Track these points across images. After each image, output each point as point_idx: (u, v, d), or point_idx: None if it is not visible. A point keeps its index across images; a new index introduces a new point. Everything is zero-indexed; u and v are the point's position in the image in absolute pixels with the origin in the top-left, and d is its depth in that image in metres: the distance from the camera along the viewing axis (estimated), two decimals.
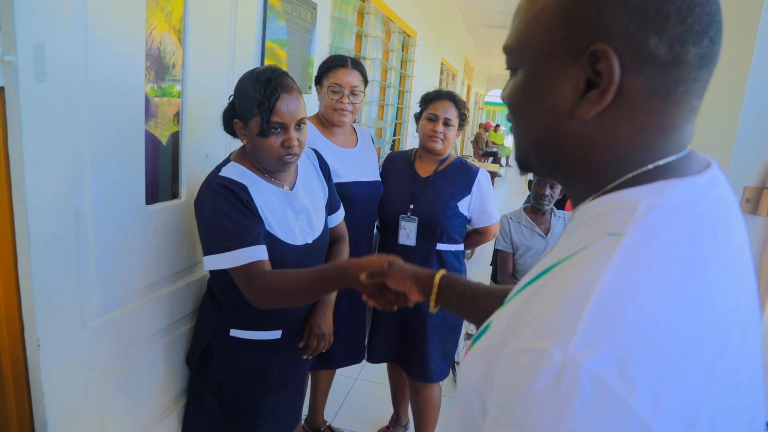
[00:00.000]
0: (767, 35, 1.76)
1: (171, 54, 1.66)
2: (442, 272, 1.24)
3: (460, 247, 2.34)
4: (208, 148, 1.83)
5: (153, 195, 1.65)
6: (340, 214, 1.90)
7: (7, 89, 1.14)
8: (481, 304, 1.12)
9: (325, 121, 2.12)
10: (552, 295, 0.51)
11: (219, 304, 1.64)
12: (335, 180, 2.03)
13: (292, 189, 1.62)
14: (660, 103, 0.56)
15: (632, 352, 0.44)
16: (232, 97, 1.55)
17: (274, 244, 1.51)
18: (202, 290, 1.80)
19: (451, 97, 2.27)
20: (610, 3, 0.54)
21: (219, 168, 1.52)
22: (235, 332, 1.62)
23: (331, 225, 1.83)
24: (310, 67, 2.79)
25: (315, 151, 1.83)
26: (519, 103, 0.65)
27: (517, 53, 0.64)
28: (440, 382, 2.41)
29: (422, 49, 6.19)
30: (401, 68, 5.54)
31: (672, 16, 0.53)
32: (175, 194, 1.78)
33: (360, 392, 3.11)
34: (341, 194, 2.05)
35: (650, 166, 0.58)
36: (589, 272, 0.49)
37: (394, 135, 5.79)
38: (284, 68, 2.37)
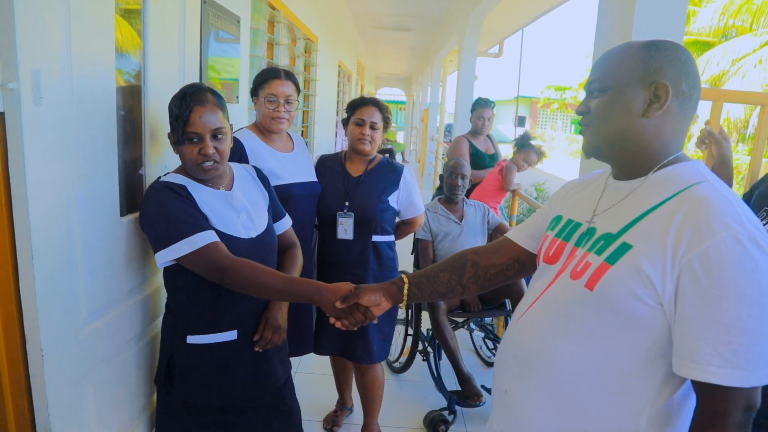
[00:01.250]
0: None
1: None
2: (405, 280, 1.46)
3: (392, 237, 2.58)
4: (167, 159, 1.95)
5: (127, 206, 1.76)
6: (286, 222, 2.00)
7: (8, 114, 1.23)
8: (436, 282, 1.43)
9: (264, 129, 2.28)
10: (701, 210, 0.95)
11: (173, 312, 1.71)
12: (278, 182, 2.19)
13: (229, 191, 1.74)
14: (682, 116, 1.09)
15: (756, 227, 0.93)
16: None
17: (221, 238, 1.59)
18: None
19: (375, 103, 2.49)
20: (666, 61, 1.06)
21: (158, 178, 1.65)
22: (191, 338, 1.66)
23: (278, 231, 1.93)
24: (237, 70, 2.91)
25: (255, 167, 1.96)
26: (608, 110, 1.11)
27: (607, 82, 1.11)
28: (382, 362, 2.64)
29: (323, 53, 6.37)
30: (305, 72, 5.69)
31: (691, 74, 1.07)
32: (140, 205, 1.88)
33: (302, 384, 3.26)
34: (284, 195, 2.21)
35: (679, 153, 1.10)
36: (712, 194, 0.97)
37: (303, 138, 5.92)
38: (217, 84, 2.51)
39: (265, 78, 2.24)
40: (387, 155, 2.67)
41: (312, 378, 3.36)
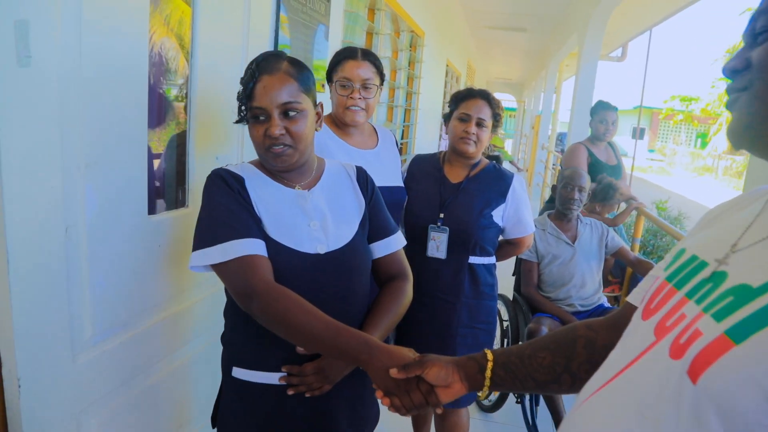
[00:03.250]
0: None
1: (172, 59, 1.47)
2: (489, 356, 1.06)
3: (492, 259, 2.14)
4: (218, 148, 1.61)
5: (155, 204, 1.43)
6: (394, 242, 1.50)
7: None
8: (533, 365, 1.02)
9: (339, 121, 1.91)
10: None
11: (225, 335, 1.39)
12: None
13: (306, 190, 1.37)
14: None
15: None
16: None
17: (273, 250, 1.26)
18: (213, 309, 1.57)
19: (485, 96, 2.06)
20: None
21: (228, 164, 1.33)
22: (237, 372, 1.34)
23: (379, 254, 1.48)
24: (315, 65, 2.57)
25: (359, 168, 1.54)
26: None
27: None
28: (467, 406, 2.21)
29: (430, 49, 6.00)
30: (409, 68, 5.34)
31: None
32: (181, 202, 1.55)
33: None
34: None
35: None
36: None
37: (403, 138, 5.59)
38: None
39: (338, 59, 1.87)
40: (494, 162, 2.21)
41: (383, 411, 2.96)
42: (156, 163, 1.54)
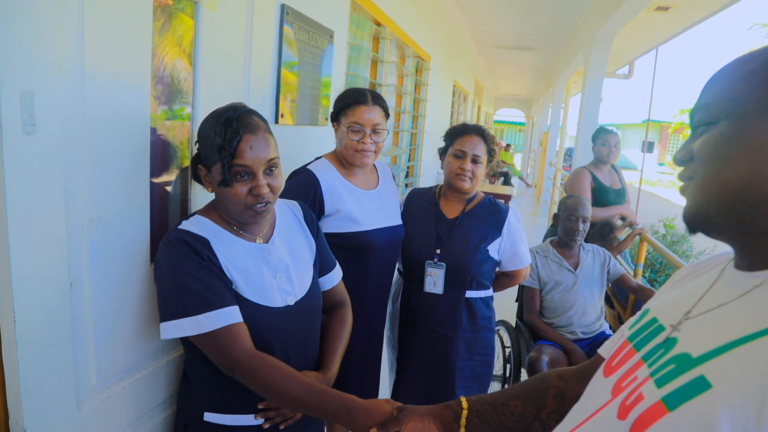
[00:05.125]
0: None
1: (183, 80, 1.51)
2: (464, 405, 1.10)
3: (490, 292, 2.17)
4: None
5: None
6: (335, 275, 1.61)
7: None
8: (506, 413, 1.07)
9: (345, 162, 1.95)
10: None
11: (190, 383, 1.40)
12: (357, 229, 1.85)
13: (267, 242, 1.40)
14: None
15: None
16: (197, 143, 1.34)
17: (245, 309, 1.28)
18: None
19: (480, 132, 2.10)
20: None
21: (180, 222, 1.32)
22: (209, 416, 1.36)
23: (325, 287, 1.57)
24: (323, 91, 2.63)
25: (302, 204, 1.60)
26: (720, 152, 0.70)
27: (718, 108, 0.71)
28: None
29: (435, 73, 6.06)
30: (415, 92, 5.40)
31: None
32: None
33: None
34: (363, 244, 1.87)
35: None
36: None
37: (409, 161, 5.64)
38: (294, 94, 2.23)
39: (348, 102, 1.89)
40: (502, 178, 2.25)
41: None
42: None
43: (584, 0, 6.33)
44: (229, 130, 1.23)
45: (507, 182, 13.55)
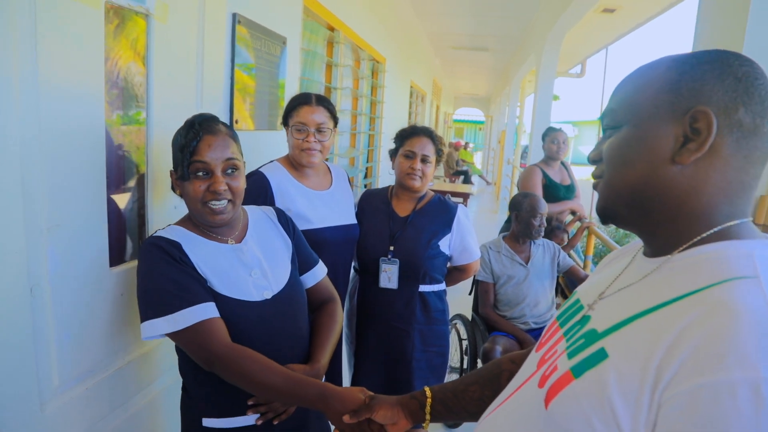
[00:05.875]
0: None
1: (138, 84, 1.55)
2: (428, 394, 1.19)
3: (442, 286, 2.27)
4: (175, 197, 1.72)
5: (119, 255, 1.52)
6: (319, 271, 1.67)
7: None
8: (466, 398, 1.16)
9: (295, 163, 2.02)
10: (717, 324, 0.59)
11: (187, 391, 1.46)
12: (307, 227, 1.92)
13: (239, 243, 1.47)
14: (742, 161, 0.71)
15: None
16: None
17: (222, 304, 1.34)
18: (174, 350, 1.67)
19: (428, 133, 2.20)
20: (710, 79, 0.71)
21: (156, 231, 1.40)
22: (207, 422, 1.40)
23: (310, 284, 1.64)
24: (280, 93, 2.69)
25: (277, 209, 1.67)
26: (621, 153, 0.78)
27: (621, 114, 0.79)
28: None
29: (392, 74, 6.16)
30: (372, 95, 5.48)
31: (755, 97, 0.70)
32: None
33: None
34: (313, 241, 1.94)
35: (737, 222, 0.73)
36: (748, 303, 0.60)
37: (367, 162, 5.72)
38: (252, 98, 2.29)
39: (293, 105, 1.99)
40: (462, 176, 2.35)
41: None
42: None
43: (534, 2, 6.51)
44: (191, 131, 1.33)
45: (467, 180, 13.76)
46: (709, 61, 0.72)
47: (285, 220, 1.64)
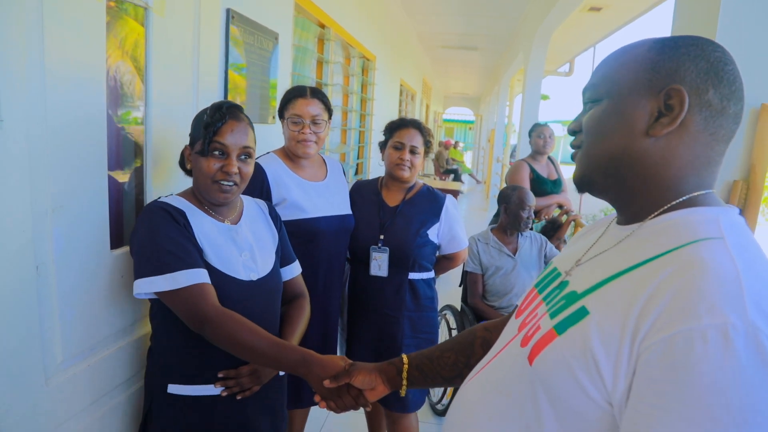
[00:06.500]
0: None
1: (128, 83, 1.61)
2: (405, 360, 1.25)
3: (431, 274, 2.33)
4: (173, 186, 1.78)
5: (118, 238, 1.58)
6: (295, 268, 1.78)
7: None
8: (440, 364, 1.22)
9: (291, 154, 2.09)
10: (687, 277, 0.66)
11: (155, 358, 1.52)
12: (302, 216, 1.99)
13: (235, 225, 1.56)
14: (709, 138, 0.79)
15: None
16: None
17: (215, 277, 1.42)
18: None
19: (416, 125, 2.27)
20: (685, 61, 0.78)
21: (159, 197, 1.49)
22: (173, 388, 1.46)
23: (286, 277, 1.72)
24: (271, 91, 2.75)
25: (268, 204, 1.77)
26: (600, 125, 0.85)
27: (602, 88, 0.85)
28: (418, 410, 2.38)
29: (381, 72, 6.22)
30: (362, 92, 5.55)
31: (724, 80, 0.77)
32: None
33: (335, 424, 3.05)
34: (309, 230, 2.00)
35: (703, 192, 0.80)
36: (714, 258, 0.67)
37: (358, 158, 5.78)
38: (243, 95, 2.35)
39: (289, 97, 2.05)
40: (452, 175, 2.42)
41: (346, 418, 3.12)
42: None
43: (522, 0, 6.59)
44: (218, 113, 1.44)
45: (457, 179, 13.84)
46: (686, 45, 0.79)
47: (275, 215, 1.74)
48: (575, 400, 0.73)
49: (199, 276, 1.36)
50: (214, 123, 1.42)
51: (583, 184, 0.91)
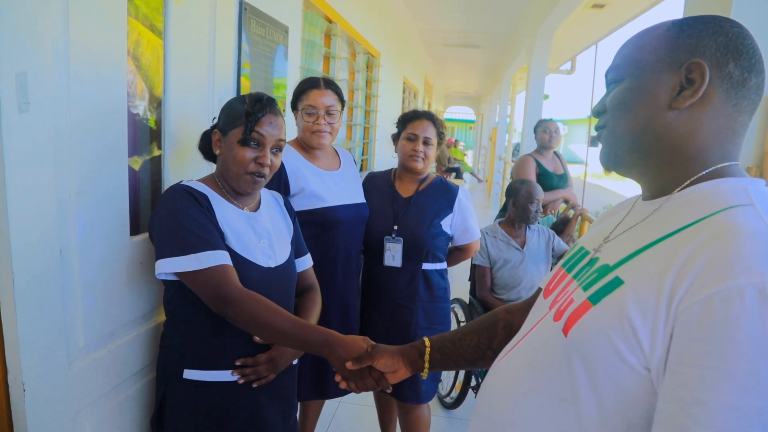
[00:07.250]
0: None
1: (130, 82, 1.62)
2: (427, 343, 1.25)
3: (444, 265, 2.34)
4: (190, 174, 1.79)
5: (135, 226, 1.58)
6: (307, 260, 1.79)
7: None
8: (463, 346, 1.22)
9: (306, 145, 2.09)
10: (722, 241, 0.67)
11: (170, 344, 1.51)
12: (322, 205, 1.99)
13: (254, 213, 1.58)
14: (731, 109, 0.80)
15: None
16: (215, 119, 1.55)
17: (236, 261, 1.42)
18: None
19: (429, 116, 2.27)
20: (705, 36, 0.80)
21: (181, 181, 1.50)
22: (189, 373, 1.45)
23: (299, 269, 1.73)
24: (280, 89, 2.76)
25: (282, 195, 1.79)
26: (624, 102, 0.87)
27: (625, 68, 0.88)
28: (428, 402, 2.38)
29: (386, 69, 6.24)
30: (366, 88, 5.55)
31: (744, 54, 0.79)
32: None
33: (345, 416, 3.05)
34: (329, 219, 2.00)
35: (727, 164, 0.81)
36: (747, 223, 0.68)
37: (363, 155, 5.79)
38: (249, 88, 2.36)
39: (303, 88, 2.06)
40: (454, 174, 2.42)
41: (356, 410, 3.13)
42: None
43: None
44: (258, 104, 1.46)
45: (459, 177, 13.87)
46: (705, 22, 0.81)
47: (289, 207, 1.76)
48: (612, 367, 0.73)
49: (222, 257, 1.37)
50: (255, 113, 1.43)
51: (609, 161, 0.93)
